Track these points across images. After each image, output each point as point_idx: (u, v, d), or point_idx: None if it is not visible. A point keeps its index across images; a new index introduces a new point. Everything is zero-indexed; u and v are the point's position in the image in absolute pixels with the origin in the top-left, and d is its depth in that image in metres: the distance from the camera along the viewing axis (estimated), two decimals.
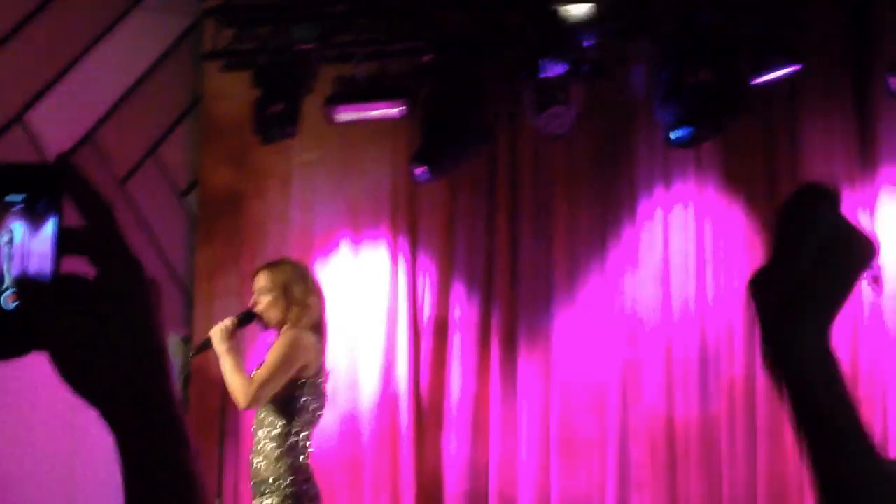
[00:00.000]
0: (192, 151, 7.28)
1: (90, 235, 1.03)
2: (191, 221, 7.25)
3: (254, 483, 4.94)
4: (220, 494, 5.28)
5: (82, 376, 1.01)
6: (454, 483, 6.71)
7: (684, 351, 6.43)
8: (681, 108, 6.04)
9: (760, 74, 5.99)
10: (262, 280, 5.12)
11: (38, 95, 6.62)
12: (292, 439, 4.93)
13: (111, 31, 6.94)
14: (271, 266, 5.19)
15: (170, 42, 7.23)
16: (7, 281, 1.02)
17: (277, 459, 4.89)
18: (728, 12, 6.15)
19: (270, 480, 4.88)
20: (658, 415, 6.42)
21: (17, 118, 6.50)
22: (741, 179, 6.49)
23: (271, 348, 4.97)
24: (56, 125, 6.66)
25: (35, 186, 1.04)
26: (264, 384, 4.85)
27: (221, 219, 7.13)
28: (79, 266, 1.04)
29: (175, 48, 7.25)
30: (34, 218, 1.03)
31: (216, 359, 5.11)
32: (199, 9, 7.19)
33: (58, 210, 1.03)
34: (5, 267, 1.02)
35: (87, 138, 6.81)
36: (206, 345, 5.12)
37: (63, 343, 1.00)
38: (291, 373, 4.90)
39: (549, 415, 6.62)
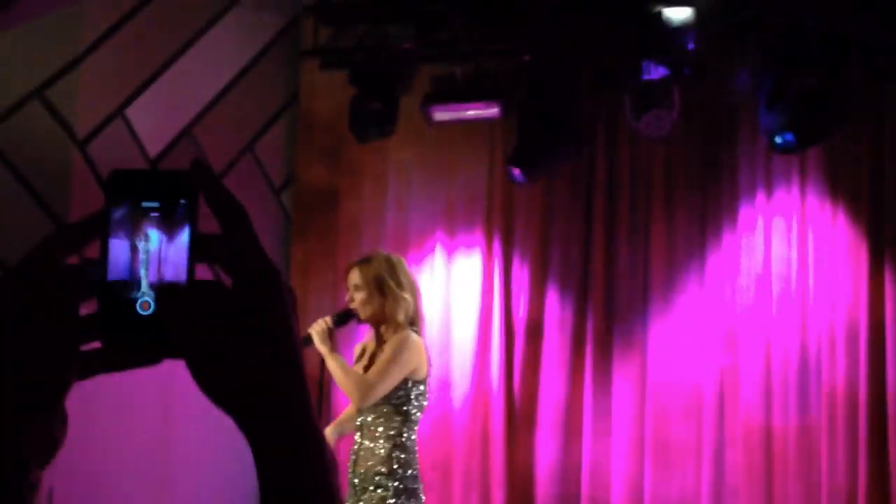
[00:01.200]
0: (287, 149, 7.32)
1: (226, 243, 1.01)
2: (286, 218, 7.29)
3: (362, 476, 4.93)
4: None
5: (219, 385, 0.99)
6: (545, 486, 6.67)
7: (783, 358, 6.33)
8: (785, 114, 5.94)
9: (870, 80, 5.88)
10: (354, 276, 5.11)
11: (138, 91, 6.67)
12: (405, 435, 4.96)
13: (210, 28, 6.98)
14: (363, 261, 5.18)
15: (268, 39, 7.27)
16: (143, 287, 1.01)
17: (391, 454, 4.91)
18: (835, 14, 6.04)
19: (384, 473, 4.89)
20: (755, 421, 6.33)
21: (117, 113, 6.55)
22: (845, 187, 6.37)
23: (385, 349, 4.96)
24: (154, 121, 6.71)
25: (171, 192, 1.02)
26: (378, 383, 4.88)
27: (316, 216, 7.16)
28: (215, 274, 1.02)
29: (273, 46, 7.28)
30: (170, 224, 1.01)
31: (312, 354, 5.12)
32: (297, 7, 7.23)
33: (193, 217, 1.02)
34: (142, 273, 1.01)
35: (185, 134, 6.86)
36: (306, 341, 5.13)
37: (199, 351, 0.99)
38: (404, 373, 4.92)
39: (644, 419, 6.56)
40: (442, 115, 6.68)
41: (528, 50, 6.59)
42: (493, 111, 6.63)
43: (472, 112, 6.67)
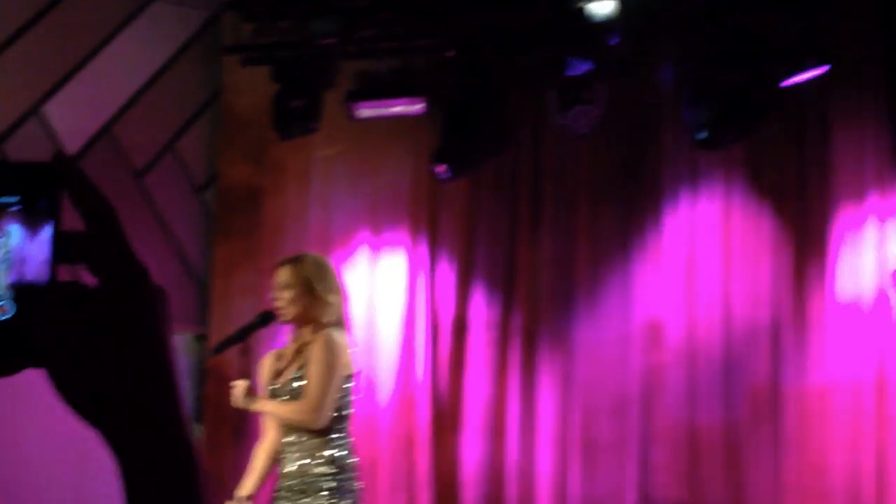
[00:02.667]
0: (210, 146, 7.21)
1: (91, 240, 0.94)
2: (208, 217, 7.18)
3: (297, 481, 4.84)
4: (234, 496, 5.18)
5: (81, 395, 0.92)
6: (471, 486, 6.64)
7: (707, 354, 6.34)
8: (708, 110, 5.95)
9: (789, 76, 5.90)
10: (283, 275, 5.02)
11: (55, 88, 6.54)
12: (336, 436, 4.87)
13: (130, 24, 6.86)
14: (293, 260, 5.09)
15: (189, 35, 7.15)
16: (0, 288, 0.93)
17: (325, 457, 4.82)
18: (756, 12, 6.06)
19: (325, 474, 4.80)
20: (679, 418, 6.34)
21: (33, 110, 6.42)
22: (769, 182, 6.39)
23: (312, 357, 4.86)
24: (73, 118, 6.58)
25: (32, 187, 0.94)
26: (323, 396, 4.78)
27: (239, 215, 7.05)
28: (79, 274, 0.95)
29: (194, 41, 7.17)
30: (31, 220, 0.94)
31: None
32: (218, 2, 7.11)
33: (56, 212, 0.94)
34: None
35: (104, 131, 6.74)
36: (227, 343, 5.05)
37: (60, 359, 0.91)
38: (341, 372, 4.84)
39: (568, 418, 6.54)
40: (366, 111, 6.61)
41: (453, 46, 6.54)
42: (417, 108, 6.57)
43: (397, 108, 6.60)
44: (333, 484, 4.81)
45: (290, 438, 4.91)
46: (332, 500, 4.79)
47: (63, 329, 0.91)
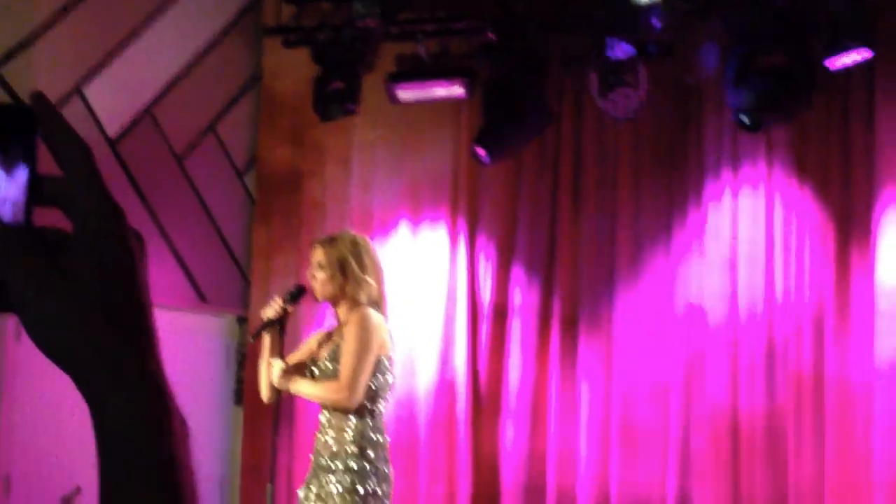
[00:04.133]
0: (250, 128, 7.21)
1: (67, 184, 0.91)
2: (248, 199, 7.18)
3: (325, 458, 4.82)
4: (272, 479, 5.18)
5: (55, 341, 0.89)
6: (511, 472, 6.59)
7: (750, 340, 6.26)
8: (751, 92, 5.87)
9: (834, 57, 5.81)
10: (318, 255, 4.99)
11: (97, 68, 6.55)
12: (369, 416, 4.84)
13: (171, 5, 6.86)
14: (328, 240, 5.06)
15: (230, 17, 7.15)
16: None
17: (356, 437, 4.79)
18: None
19: (354, 453, 4.78)
20: (721, 405, 6.26)
21: (75, 91, 6.43)
22: (813, 164, 6.30)
23: (346, 336, 4.84)
24: (114, 99, 6.59)
25: (7, 128, 0.91)
26: (357, 374, 4.75)
27: (279, 197, 7.05)
28: (55, 218, 0.92)
29: (235, 23, 7.17)
30: (5, 163, 0.91)
31: (273, 341, 5.02)
32: None
33: (32, 155, 0.91)
34: None
35: (146, 113, 6.74)
36: (265, 327, 5.02)
37: (33, 303, 0.88)
38: (376, 352, 4.81)
39: (610, 403, 6.49)
40: (406, 94, 6.58)
41: (493, 28, 6.49)
42: (457, 91, 6.53)
43: (437, 91, 6.57)
44: (363, 464, 4.78)
45: (324, 416, 4.90)
46: (359, 477, 4.77)
47: (38, 273, 0.89)
